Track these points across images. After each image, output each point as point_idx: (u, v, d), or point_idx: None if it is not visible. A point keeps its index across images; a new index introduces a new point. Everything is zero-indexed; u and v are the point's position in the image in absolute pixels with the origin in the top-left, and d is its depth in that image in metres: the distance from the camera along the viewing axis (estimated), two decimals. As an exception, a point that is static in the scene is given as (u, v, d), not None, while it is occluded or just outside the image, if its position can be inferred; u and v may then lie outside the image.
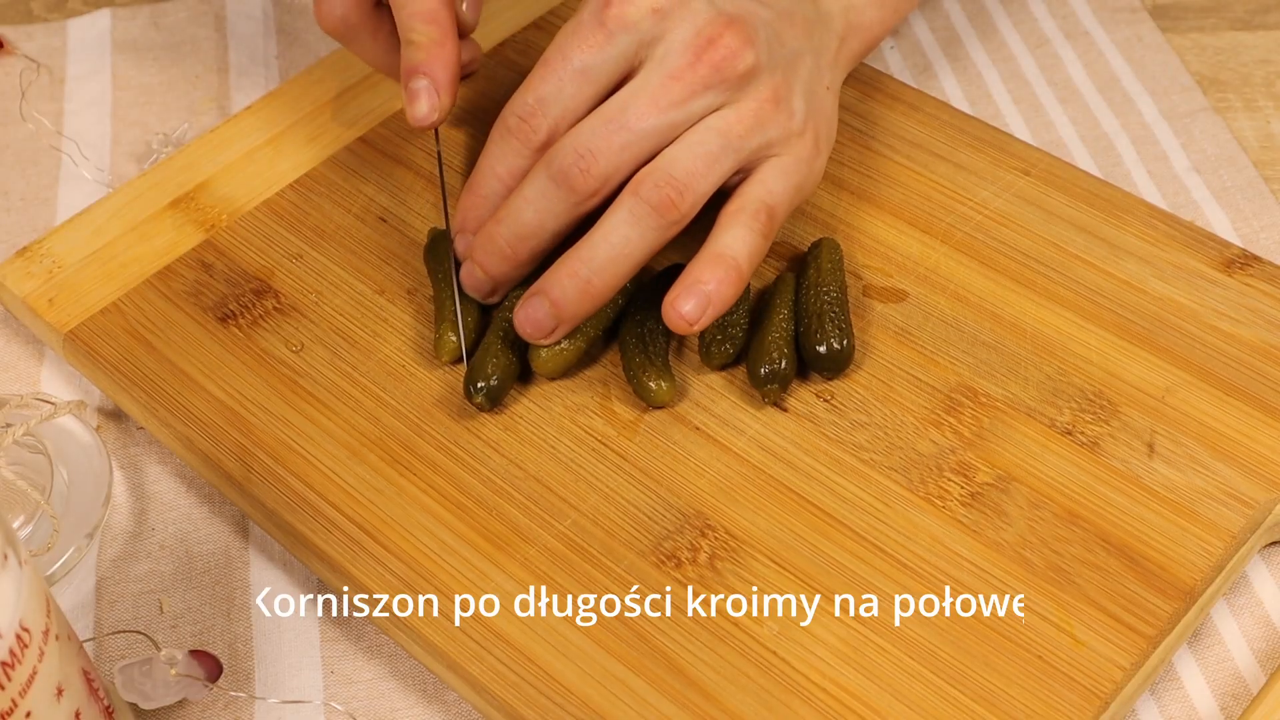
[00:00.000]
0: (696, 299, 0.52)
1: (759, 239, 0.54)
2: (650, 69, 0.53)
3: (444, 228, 0.60)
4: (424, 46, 0.56)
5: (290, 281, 0.61)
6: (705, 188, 0.53)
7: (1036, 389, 0.56)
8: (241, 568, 0.55)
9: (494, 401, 0.55)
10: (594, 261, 0.53)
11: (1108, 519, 0.52)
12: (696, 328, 0.53)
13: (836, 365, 0.56)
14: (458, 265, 0.58)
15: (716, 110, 0.54)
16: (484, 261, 0.56)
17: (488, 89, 0.68)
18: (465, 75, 0.62)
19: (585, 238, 0.53)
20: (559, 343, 0.55)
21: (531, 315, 0.54)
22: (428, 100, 0.56)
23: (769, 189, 0.54)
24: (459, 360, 0.57)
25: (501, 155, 0.55)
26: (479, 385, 0.55)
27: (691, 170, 0.53)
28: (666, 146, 0.53)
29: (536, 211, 0.54)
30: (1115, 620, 0.49)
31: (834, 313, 0.56)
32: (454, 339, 0.57)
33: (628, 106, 0.53)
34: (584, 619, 0.50)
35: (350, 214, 0.63)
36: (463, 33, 0.60)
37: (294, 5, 0.77)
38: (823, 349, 0.55)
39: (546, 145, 0.54)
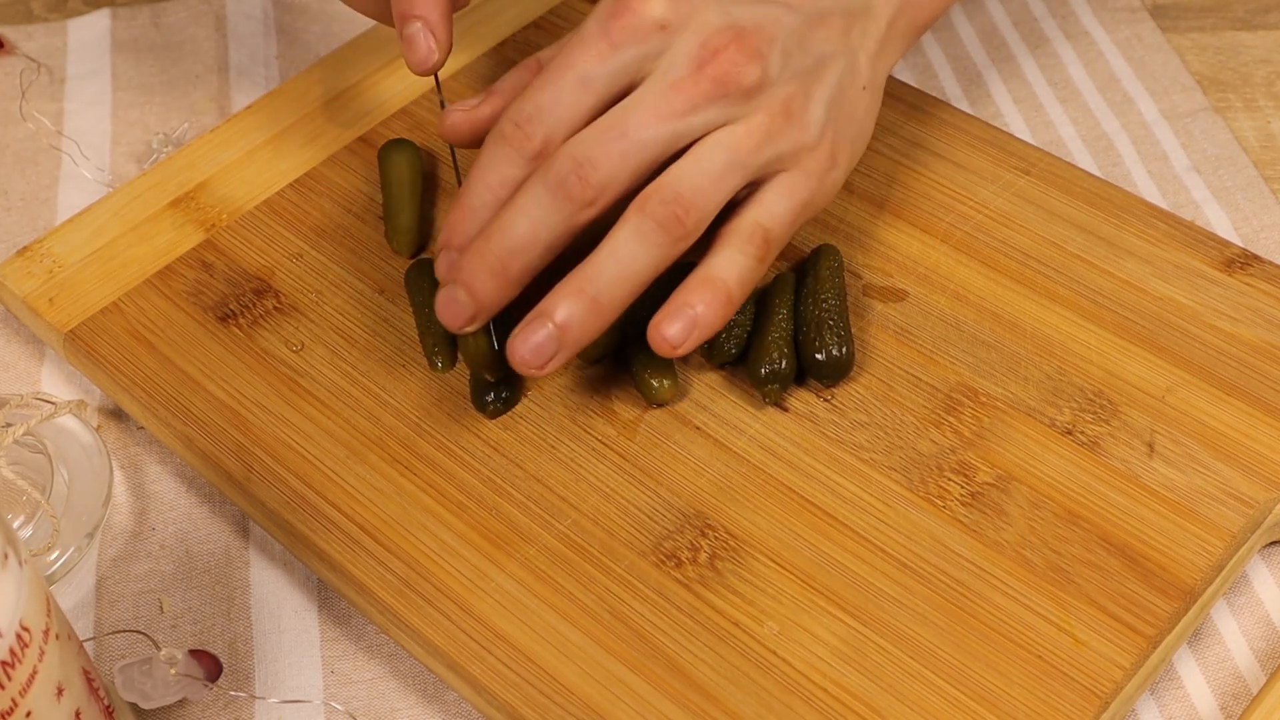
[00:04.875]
0: (683, 322, 0.51)
1: (753, 263, 0.52)
2: (653, 79, 0.52)
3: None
4: None
5: (290, 281, 0.61)
6: (711, 205, 0.52)
7: (1036, 389, 0.56)
8: (241, 567, 0.55)
9: (510, 407, 0.56)
10: (600, 279, 0.51)
11: (1108, 519, 0.52)
12: (680, 351, 0.51)
13: (836, 373, 0.56)
14: None
15: (723, 125, 0.52)
16: (470, 280, 0.52)
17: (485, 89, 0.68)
18: (459, 6, 0.60)
19: (590, 257, 0.52)
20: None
21: (532, 340, 0.51)
22: (425, 43, 0.55)
23: (769, 211, 0.53)
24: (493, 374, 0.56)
25: (493, 163, 0.53)
26: (491, 396, 0.55)
27: (698, 187, 0.51)
28: (669, 160, 0.52)
29: (530, 222, 0.51)
30: (1115, 620, 0.49)
31: (832, 321, 0.56)
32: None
33: (628, 115, 0.52)
34: (584, 619, 0.50)
35: (350, 214, 0.63)
36: None
37: (294, 5, 0.77)
38: (821, 356, 0.55)
39: (540, 155, 0.53)
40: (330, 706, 0.52)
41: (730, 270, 0.52)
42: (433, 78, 0.57)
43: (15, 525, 0.54)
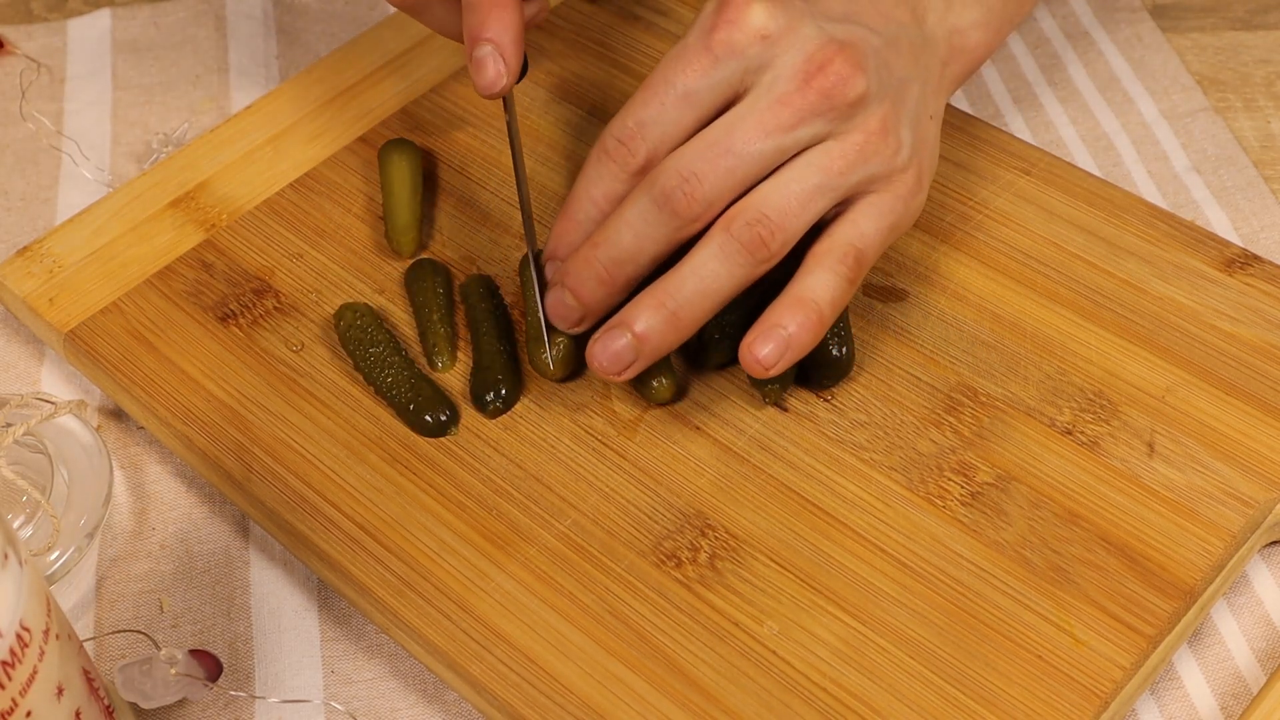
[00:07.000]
0: (775, 344, 0.51)
1: (844, 284, 0.52)
2: (758, 93, 0.52)
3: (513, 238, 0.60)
4: (483, 9, 0.54)
5: (290, 281, 0.61)
6: (798, 227, 0.52)
7: (1036, 388, 0.56)
8: (241, 567, 0.55)
9: (510, 407, 0.56)
10: (680, 294, 0.51)
11: (1108, 519, 0.52)
12: (773, 372, 0.51)
13: (835, 373, 0.56)
14: (538, 272, 0.57)
15: (822, 140, 0.52)
16: (578, 287, 0.53)
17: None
18: (530, 27, 0.60)
19: (672, 271, 0.52)
20: (561, 344, 0.55)
21: (611, 348, 0.52)
22: (494, 66, 0.54)
23: (860, 231, 0.53)
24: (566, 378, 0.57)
25: (598, 178, 0.54)
26: (491, 396, 0.55)
27: (785, 210, 0.51)
28: (768, 175, 0.52)
29: (636, 235, 0.52)
30: (1115, 620, 0.49)
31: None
32: (544, 356, 0.56)
33: (734, 130, 0.51)
34: (584, 619, 0.50)
35: (350, 214, 0.63)
36: None
37: (294, 5, 0.77)
38: (821, 357, 0.55)
39: (644, 170, 0.53)
40: (330, 706, 0.52)
41: (822, 291, 0.52)
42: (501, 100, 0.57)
43: (15, 525, 0.54)
